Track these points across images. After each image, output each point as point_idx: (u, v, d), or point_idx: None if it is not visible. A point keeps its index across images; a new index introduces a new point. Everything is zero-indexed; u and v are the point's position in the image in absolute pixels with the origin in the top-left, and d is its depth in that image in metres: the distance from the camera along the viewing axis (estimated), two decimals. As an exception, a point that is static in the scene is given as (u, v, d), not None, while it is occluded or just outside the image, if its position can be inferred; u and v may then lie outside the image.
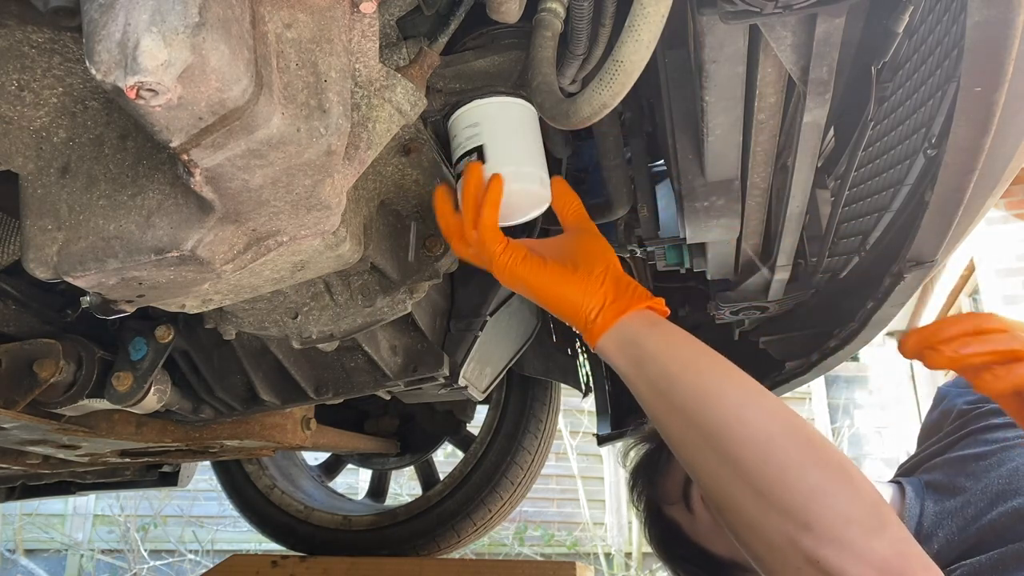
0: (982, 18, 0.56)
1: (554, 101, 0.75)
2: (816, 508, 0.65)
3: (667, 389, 0.74)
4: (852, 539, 0.64)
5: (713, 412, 0.71)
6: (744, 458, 0.68)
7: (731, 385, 0.73)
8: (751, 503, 0.68)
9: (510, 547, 6.54)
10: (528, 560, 3.94)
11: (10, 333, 1.07)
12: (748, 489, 0.68)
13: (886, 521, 0.65)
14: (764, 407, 0.72)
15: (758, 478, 0.67)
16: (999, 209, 4.87)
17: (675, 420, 0.74)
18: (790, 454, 0.68)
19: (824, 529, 0.64)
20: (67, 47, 0.64)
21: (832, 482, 0.66)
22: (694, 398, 0.73)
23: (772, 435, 0.69)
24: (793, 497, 0.66)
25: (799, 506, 0.65)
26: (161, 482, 1.95)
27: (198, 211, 0.61)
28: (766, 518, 0.67)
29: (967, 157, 0.71)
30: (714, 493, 0.72)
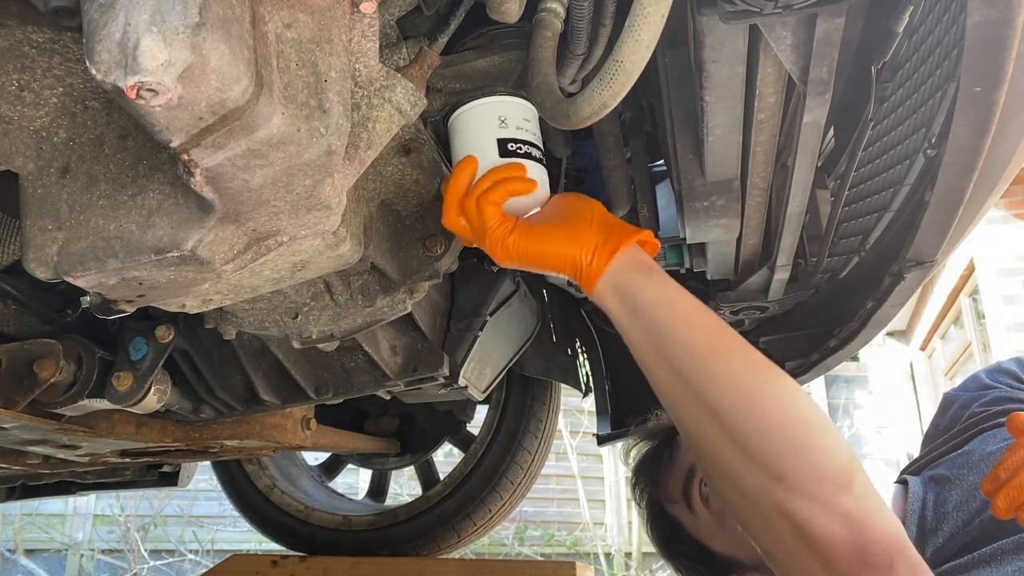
0: (982, 18, 0.56)
1: (554, 101, 0.75)
2: (791, 462, 0.69)
3: (659, 340, 0.77)
4: (821, 494, 0.68)
5: (702, 366, 0.74)
6: (727, 411, 0.72)
7: (721, 341, 0.76)
8: (731, 454, 0.72)
9: (510, 547, 6.54)
10: (528, 560, 3.94)
11: (10, 333, 1.07)
12: (729, 441, 0.72)
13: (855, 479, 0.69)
14: (751, 363, 0.75)
15: (739, 431, 0.71)
16: (999, 209, 4.87)
17: (665, 370, 0.77)
18: (772, 410, 0.71)
19: (796, 483, 0.68)
20: (67, 47, 0.64)
21: (808, 439, 0.70)
22: (684, 350, 0.75)
23: (756, 390, 0.72)
24: (770, 451, 0.70)
25: (775, 460, 0.69)
26: (161, 482, 1.95)
27: (198, 211, 0.61)
28: (743, 469, 0.71)
29: (967, 157, 0.72)
30: (697, 442, 0.76)
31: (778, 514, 0.69)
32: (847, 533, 0.67)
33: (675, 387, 0.76)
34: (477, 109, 0.86)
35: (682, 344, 0.76)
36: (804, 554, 0.68)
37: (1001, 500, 0.79)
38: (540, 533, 6.72)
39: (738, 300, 1.22)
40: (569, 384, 1.88)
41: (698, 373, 0.74)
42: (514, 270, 1.31)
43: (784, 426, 0.71)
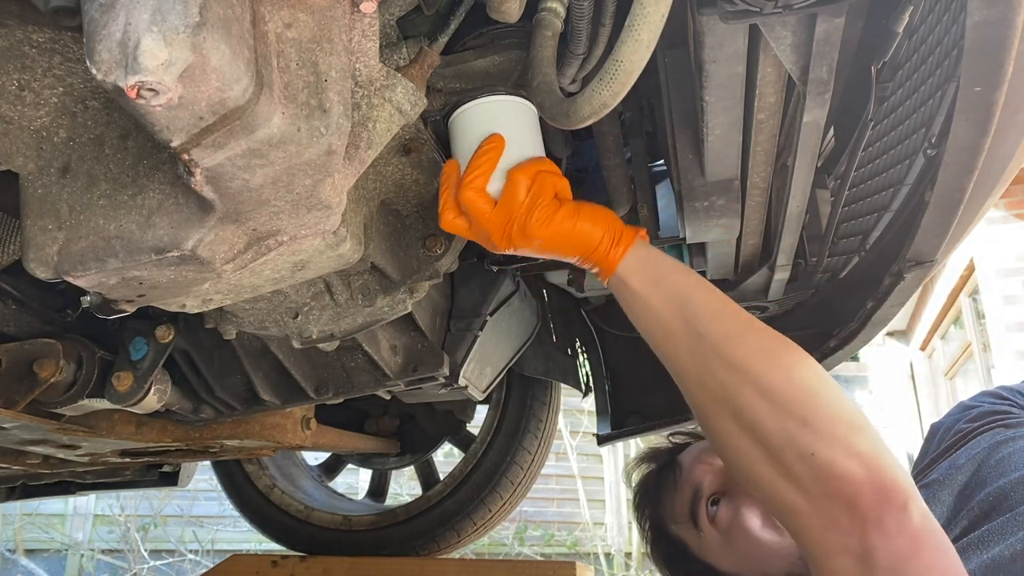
0: (982, 18, 0.56)
1: (554, 101, 0.75)
2: (812, 406, 0.75)
3: (683, 304, 0.83)
4: (840, 435, 0.73)
5: (725, 325, 0.81)
6: (752, 366, 0.78)
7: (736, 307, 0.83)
8: (757, 404, 0.77)
9: (510, 547, 6.54)
10: (528, 560, 3.94)
11: (10, 333, 1.07)
12: (755, 391, 0.77)
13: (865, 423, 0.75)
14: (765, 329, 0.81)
15: (764, 381, 0.77)
16: (999, 209, 4.87)
17: (688, 333, 0.82)
18: (792, 361, 0.78)
19: (819, 425, 0.73)
20: (67, 47, 0.64)
21: (824, 387, 0.76)
22: (708, 312, 0.82)
23: (776, 343, 0.80)
24: (793, 397, 0.75)
25: (798, 403, 0.75)
26: (161, 482, 1.95)
27: (198, 211, 0.61)
28: (770, 416, 0.76)
29: (967, 157, 0.71)
30: (722, 398, 0.80)
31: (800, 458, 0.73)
32: (866, 472, 0.70)
33: (700, 349, 0.81)
34: (477, 108, 0.86)
35: (705, 307, 0.82)
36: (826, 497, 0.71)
37: None
38: (540, 533, 6.72)
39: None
40: (569, 384, 1.87)
41: (722, 332, 0.80)
42: (514, 270, 1.31)
43: (804, 376, 0.76)
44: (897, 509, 0.69)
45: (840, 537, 0.70)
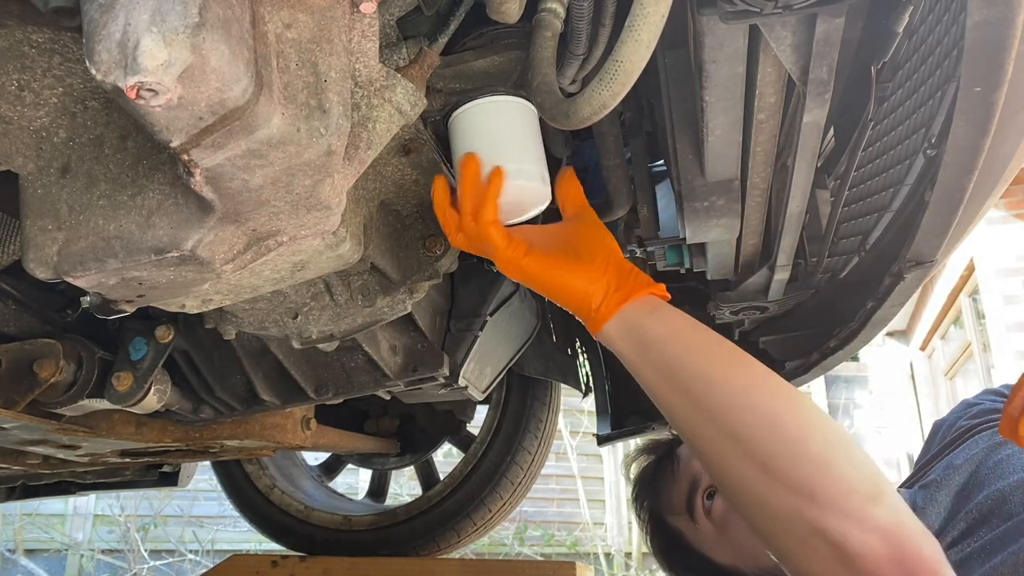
0: (982, 18, 0.56)
1: (554, 101, 0.75)
2: (820, 479, 0.67)
3: (672, 372, 0.76)
4: (854, 507, 0.66)
5: (719, 393, 0.73)
6: (750, 436, 0.71)
7: (735, 366, 0.75)
8: (758, 478, 0.70)
9: (510, 547, 6.54)
10: (528, 560, 3.94)
11: (10, 333, 1.07)
12: (755, 465, 0.70)
13: (884, 490, 0.68)
14: (768, 386, 0.74)
15: (764, 453, 0.70)
16: (999, 209, 4.87)
17: (681, 402, 0.76)
18: (793, 430, 0.70)
19: (828, 499, 0.67)
20: (67, 47, 0.64)
21: (833, 454, 0.69)
22: (699, 380, 0.75)
23: (776, 412, 0.71)
24: (798, 470, 0.68)
25: (804, 478, 0.68)
26: (161, 482, 1.95)
27: (198, 211, 0.61)
28: (772, 492, 0.69)
29: (967, 157, 0.71)
30: (722, 472, 0.74)
31: (813, 534, 0.67)
32: (886, 547, 0.65)
33: (693, 417, 0.75)
34: (477, 109, 0.86)
35: (695, 373, 0.75)
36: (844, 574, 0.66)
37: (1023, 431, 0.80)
38: (540, 533, 6.72)
39: (738, 300, 1.22)
40: (569, 384, 1.87)
41: (714, 399, 0.73)
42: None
43: (808, 443, 0.69)
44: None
45: None
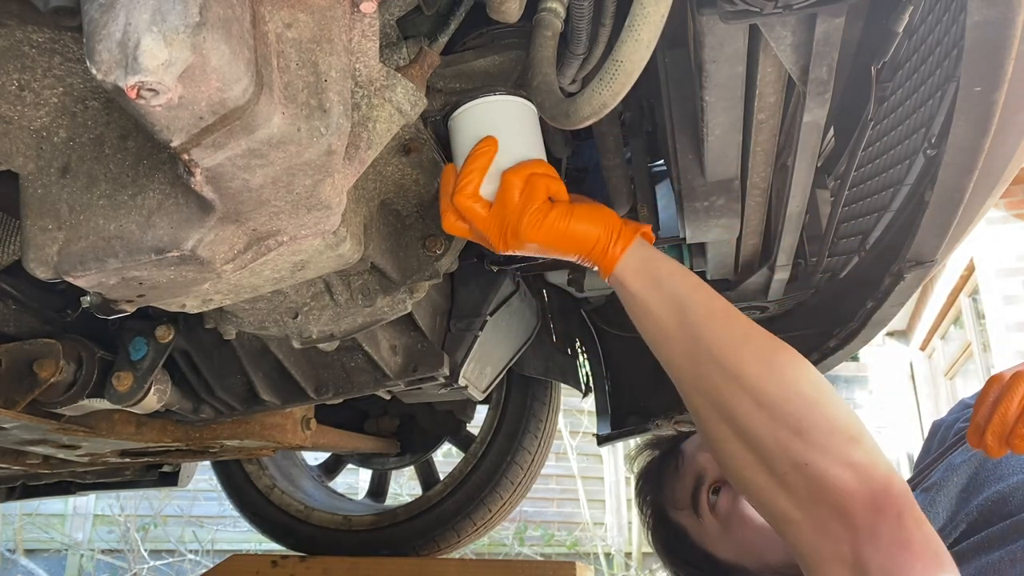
0: (982, 18, 0.56)
1: (554, 101, 0.75)
2: (807, 416, 0.74)
3: (681, 306, 0.82)
4: (835, 446, 0.72)
5: (721, 329, 0.80)
6: (748, 372, 0.77)
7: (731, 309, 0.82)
8: (753, 411, 0.76)
9: (510, 547, 6.54)
10: (528, 560, 3.93)
11: (10, 333, 1.07)
12: (751, 399, 0.76)
13: (863, 432, 0.74)
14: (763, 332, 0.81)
15: (759, 390, 0.76)
16: (999, 209, 4.87)
17: (685, 336, 0.82)
18: (788, 371, 0.77)
19: (813, 435, 0.73)
20: (67, 47, 0.64)
21: (820, 397, 0.75)
22: (706, 315, 0.81)
23: (773, 352, 0.78)
24: (788, 407, 0.75)
25: (793, 415, 0.74)
26: (161, 482, 1.95)
27: (198, 211, 0.61)
28: (764, 426, 0.76)
29: (967, 157, 0.72)
30: (717, 404, 0.80)
31: (794, 468, 0.73)
32: (859, 483, 0.70)
33: (696, 353, 0.81)
34: (477, 108, 0.86)
35: (703, 309, 0.81)
36: (819, 506, 0.71)
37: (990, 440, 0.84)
38: (540, 533, 6.71)
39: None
40: (569, 384, 1.87)
41: (719, 337, 0.79)
42: (514, 270, 1.31)
43: (800, 385, 0.76)
44: (891, 519, 0.68)
45: (833, 546, 0.70)
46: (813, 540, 0.72)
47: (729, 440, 0.79)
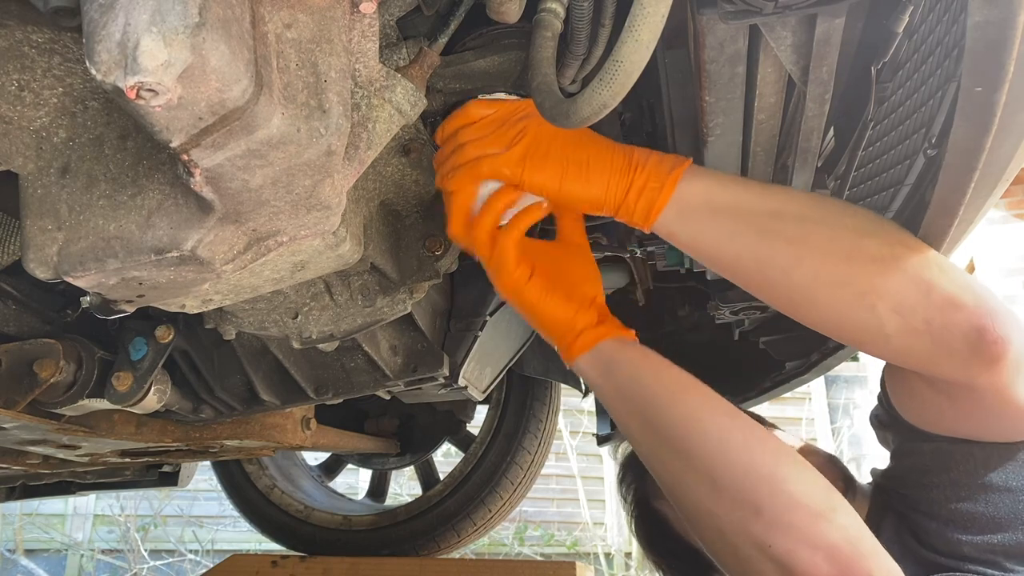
0: (983, 18, 0.56)
1: (554, 101, 0.75)
2: (766, 493, 0.69)
3: (632, 395, 0.81)
4: (800, 523, 0.67)
5: (671, 413, 0.77)
6: (699, 453, 0.74)
7: (689, 391, 0.79)
8: (706, 494, 0.72)
9: (510, 547, 6.54)
10: (528, 560, 3.94)
11: (10, 333, 1.07)
12: (703, 481, 0.73)
13: (835, 506, 0.68)
14: (718, 409, 0.77)
15: (712, 469, 0.72)
16: (999, 209, 4.87)
17: (639, 423, 0.80)
18: (741, 446, 0.73)
19: (774, 514, 0.68)
20: (67, 47, 0.64)
21: (780, 471, 0.71)
22: (655, 402, 0.79)
23: (724, 430, 0.75)
24: (743, 484, 0.70)
25: (749, 491, 0.69)
26: (161, 482, 1.95)
27: (198, 211, 0.61)
28: (719, 507, 0.71)
29: (967, 157, 0.71)
30: (673, 488, 0.77)
31: (758, 550, 0.68)
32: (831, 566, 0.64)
33: (648, 438, 0.79)
34: None
35: (652, 394, 0.79)
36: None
37: None
38: (540, 533, 6.71)
39: (738, 300, 1.22)
40: (569, 384, 1.87)
41: (666, 419, 0.77)
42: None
43: (754, 460, 0.72)
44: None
45: None
46: None
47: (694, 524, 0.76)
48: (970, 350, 0.70)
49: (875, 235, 0.76)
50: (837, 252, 0.75)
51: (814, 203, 0.80)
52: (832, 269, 0.75)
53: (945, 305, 0.71)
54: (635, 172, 0.82)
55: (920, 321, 0.72)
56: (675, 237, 0.83)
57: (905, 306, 0.72)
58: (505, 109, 0.85)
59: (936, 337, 0.72)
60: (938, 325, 0.71)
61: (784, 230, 0.77)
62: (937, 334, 0.72)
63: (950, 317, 0.71)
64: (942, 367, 0.74)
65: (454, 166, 0.83)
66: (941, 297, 0.71)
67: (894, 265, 0.73)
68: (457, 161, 0.83)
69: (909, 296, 0.72)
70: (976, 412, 0.79)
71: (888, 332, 0.74)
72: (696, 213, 0.80)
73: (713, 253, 0.82)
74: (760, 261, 0.79)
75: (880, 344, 0.77)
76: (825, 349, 1.34)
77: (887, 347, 0.77)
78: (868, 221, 0.78)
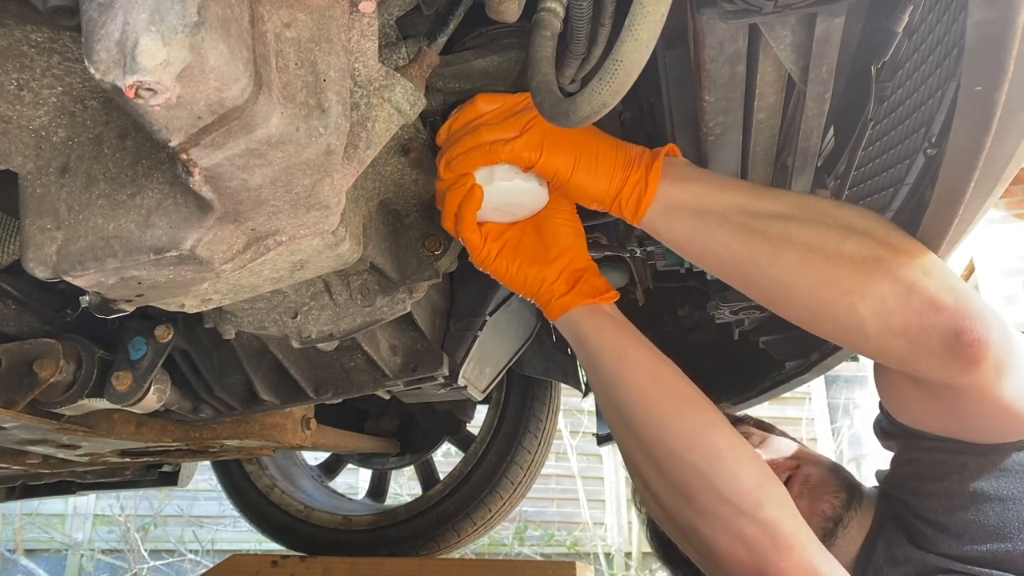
0: (983, 17, 0.56)
1: (554, 100, 0.75)
2: (696, 485, 0.75)
3: (593, 368, 0.86)
4: (724, 516, 0.73)
5: (624, 394, 0.82)
6: (645, 436, 0.80)
7: (642, 370, 0.84)
8: (651, 472, 0.79)
9: (510, 547, 6.54)
10: (528, 560, 3.94)
11: (10, 333, 1.07)
12: (648, 461, 0.80)
13: (762, 504, 0.73)
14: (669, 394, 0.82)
15: (655, 454, 0.79)
16: (999, 209, 4.87)
17: (600, 393, 0.87)
18: (682, 436, 0.78)
19: (701, 504, 0.74)
20: (66, 46, 0.64)
21: (714, 465, 0.75)
22: (611, 380, 0.84)
23: (668, 418, 0.79)
24: (679, 474, 0.76)
25: (682, 482, 0.76)
26: (161, 482, 1.95)
27: (197, 210, 0.60)
28: (660, 487, 0.78)
29: (967, 156, 0.71)
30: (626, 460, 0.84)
31: (690, 531, 0.75)
32: (748, 556, 0.71)
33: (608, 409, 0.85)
34: None
35: (609, 374, 0.84)
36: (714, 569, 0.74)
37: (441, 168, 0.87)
38: (540, 533, 6.71)
39: (737, 300, 1.22)
40: (569, 384, 1.87)
41: (620, 400, 0.82)
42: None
43: (691, 453, 0.76)
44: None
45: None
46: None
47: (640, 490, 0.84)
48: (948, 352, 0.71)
49: (861, 236, 0.76)
50: (819, 251, 0.76)
51: (801, 204, 0.81)
52: (813, 268, 0.76)
53: (924, 308, 0.72)
54: (630, 168, 0.84)
55: (899, 323, 0.73)
56: (660, 233, 0.85)
57: (885, 308, 0.73)
58: (512, 101, 0.86)
59: (914, 339, 0.73)
60: (916, 328, 0.73)
61: (766, 229, 0.79)
62: (915, 336, 0.73)
63: (929, 320, 0.72)
64: (922, 368, 0.76)
65: (468, 148, 0.84)
66: (921, 300, 0.72)
67: (876, 267, 0.74)
68: (470, 143, 0.84)
69: (889, 298, 0.73)
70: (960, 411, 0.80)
71: (868, 332, 0.75)
72: (680, 210, 0.82)
73: (696, 250, 0.84)
74: (740, 259, 0.81)
75: (860, 343, 0.79)
76: (825, 349, 1.34)
77: (867, 346, 0.79)
78: (857, 221, 0.78)
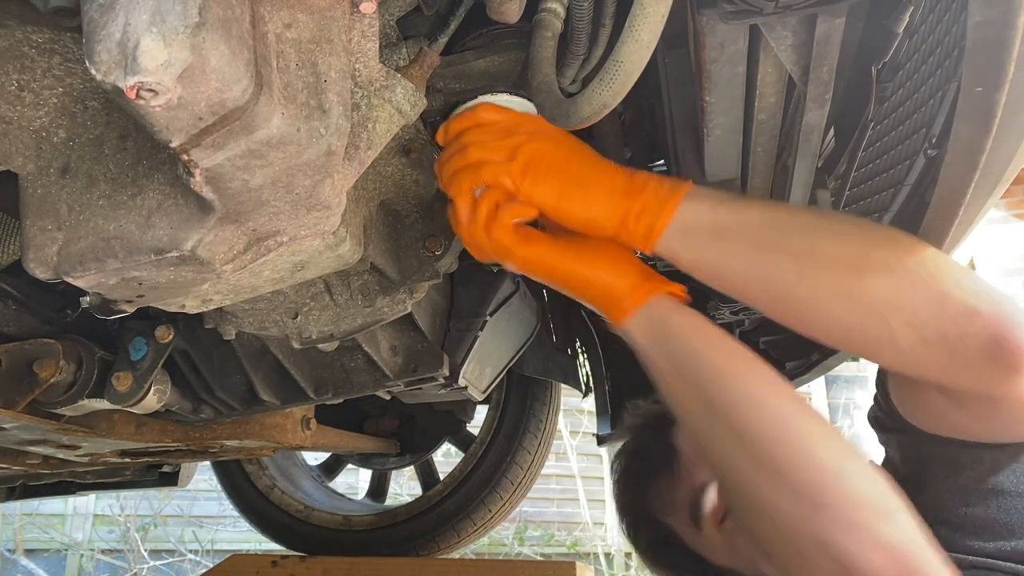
0: (983, 18, 0.56)
1: (554, 101, 0.75)
2: (830, 489, 0.65)
3: (688, 365, 0.75)
4: (864, 522, 0.63)
5: (732, 390, 0.72)
6: (760, 437, 0.69)
7: (750, 366, 0.74)
8: (765, 483, 0.68)
9: (510, 547, 6.54)
10: (528, 560, 3.94)
11: (10, 333, 1.07)
12: (762, 469, 0.68)
13: (896, 508, 0.65)
14: (781, 390, 0.72)
15: (773, 458, 0.67)
16: (999, 209, 4.87)
17: (693, 397, 0.74)
18: (806, 436, 0.68)
19: (837, 510, 0.64)
20: (67, 47, 0.64)
21: (846, 466, 0.67)
22: (714, 375, 0.73)
23: (788, 415, 0.69)
24: (808, 477, 0.66)
25: (813, 486, 0.65)
26: (161, 482, 1.95)
27: (198, 211, 0.61)
28: (779, 498, 0.67)
29: (968, 157, 0.71)
30: (727, 472, 0.72)
31: (817, 545, 0.65)
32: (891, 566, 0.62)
33: (704, 415, 0.74)
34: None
35: (711, 369, 0.74)
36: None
37: None
38: (540, 533, 6.71)
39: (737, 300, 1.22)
40: (569, 384, 1.88)
41: (726, 396, 0.72)
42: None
43: (820, 452, 0.67)
44: None
45: None
46: None
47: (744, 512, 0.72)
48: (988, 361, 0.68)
49: (884, 246, 0.72)
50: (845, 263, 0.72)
51: (818, 216, 0.78)
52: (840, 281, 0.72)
53: (959, 316, 0.69)
54: (635, 196, 0.78)
55: (934, 333, 0.69)
56: (678, 259, 0.79)
57: (918, 318, 0.70)
58: (514, 119, 0.82)
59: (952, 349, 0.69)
60: (953, 337, 0.69)
61: (789, 243, 0.74)
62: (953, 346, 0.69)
63: (965, 328, 0.69)
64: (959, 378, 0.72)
65: (456, 169, 0.82)
66: (955, 309, 0.69)
67: (905, 276, 0.70)
68: (459, 164, 0.82)
69: (922, 308, 0.70)
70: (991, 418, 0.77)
71: (901, 345, 0.71)
72: (698, 234, 0.77)
73: (717, 272, 0.79)
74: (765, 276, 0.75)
75: (893, 356, 0.74)
76: (825, 349, 1.34)
77: (900, 359, 0.74)
78: (875, 232, 0.76)
